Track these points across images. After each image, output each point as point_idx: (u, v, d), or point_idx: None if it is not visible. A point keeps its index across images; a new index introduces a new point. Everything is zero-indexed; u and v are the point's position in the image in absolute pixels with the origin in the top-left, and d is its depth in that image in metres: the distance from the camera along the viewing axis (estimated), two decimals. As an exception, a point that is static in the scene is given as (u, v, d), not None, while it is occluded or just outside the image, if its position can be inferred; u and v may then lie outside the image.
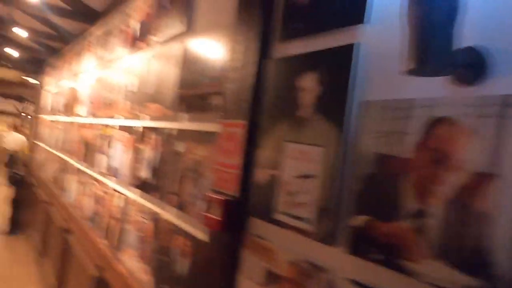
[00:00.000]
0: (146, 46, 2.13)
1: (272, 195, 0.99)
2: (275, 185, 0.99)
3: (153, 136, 1.86)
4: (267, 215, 1.00)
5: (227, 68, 1.25)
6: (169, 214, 1.59)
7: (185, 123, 1.58)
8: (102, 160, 2.59)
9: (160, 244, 1.64)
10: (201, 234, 1.31)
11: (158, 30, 1.98)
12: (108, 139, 2.52)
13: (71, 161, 3.47)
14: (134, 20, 2.37)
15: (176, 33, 1.76)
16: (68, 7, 3.28)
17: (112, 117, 2.52)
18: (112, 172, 2.38)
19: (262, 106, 1.09)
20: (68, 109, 4.02)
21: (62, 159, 3.88)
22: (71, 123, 3.78)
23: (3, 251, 5.06)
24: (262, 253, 1.02)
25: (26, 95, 13.54)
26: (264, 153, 1.06)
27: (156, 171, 1.78)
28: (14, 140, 10.61)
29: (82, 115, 3.35)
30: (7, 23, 3.94)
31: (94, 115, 2.97)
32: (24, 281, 4.20)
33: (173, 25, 1.80)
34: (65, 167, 3.69)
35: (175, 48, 1.75)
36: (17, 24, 3.89)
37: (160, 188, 1.70)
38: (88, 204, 2.77)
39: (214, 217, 1.12)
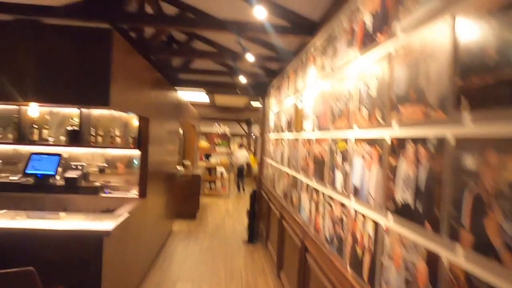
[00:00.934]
0: (385, 39, 1.75)
1: None
2: None
3: (411, 147, 1.44)
4: None
5: None
6: (459, 258, 1.12)
7: (471, 127, 1.10)
8: (337, 177, 2.35)
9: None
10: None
11: (403, 13, 1.58)
12: (343, 154, 2.25)
13: (301, 178, 3.43)
14: (363, 14, 2.05)
15: (438, 6, 1.31)
16: (288, 24, 3.32)
17: (345, 129, 2.24)
18: (351, 191, 2.08)
19: None
20: (292, 126, 4.07)
21: (291, 175, 3.93)
22: (296, 139, 3.78)
23: (246, 259, 5.60)
24: None
25: (252, 117, 15.58)
26: None
27: (422, 193, 1.35)
28: (242, 156, 12.54)
29: (308, 131, 3.26)
30: (242, 52, 4.33)
31: (321, 129, 2.80)
32: (266, 292, 4.52)
33: (430, -1, 1.35)
34: (294, 183, 3.70)
35: (439, 27, 1.30)
36: (247, 51, 4.21)
37: (433, 217, 1.26)
38: (324, 225, 2.58)
39: None
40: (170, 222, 6.81)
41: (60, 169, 4.58)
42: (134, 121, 4.75)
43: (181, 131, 9.40)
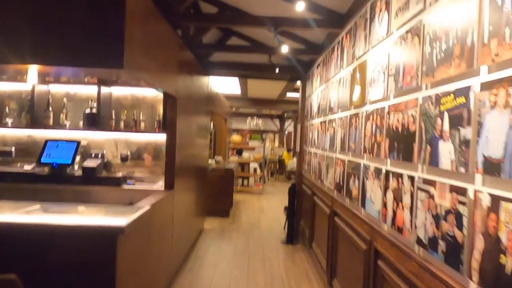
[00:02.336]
0: None
1: None
2: None
3: None
4: None
5: None
6: None
7: None
8: (441, 151, 1.60)
9: None
10: None
11: None
12: (453, 115, 1.51)
13: (364, 162, 2.70)
14: None
15: None
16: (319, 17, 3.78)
17: (459, 77, 1.50)
18: (477, 167, 1.34)
19: None
20: (347, 102, 3.33)
21: (347, 160, 3.20)
22: (354, 116, 3.05)
23: (286, 262, 4.90)
24: None
25: (286, 110, 14.80)
26: None
27: None
28: (274, 150, 12.05)
29: (375, 100, 2.52)
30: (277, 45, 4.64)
31: (402, 91, 2.06)
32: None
33: None
34: (354, 170, 2.96)
35: None
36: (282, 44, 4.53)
37: None
38: (414, 221, 1.84)
39: None
40: (201, 220, 6.21)
41: (78, 158, 4.06)
42: (159, 107, 4.16)
43: (211, 125, 8.84)
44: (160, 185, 3.95)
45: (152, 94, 4.22)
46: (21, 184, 3.70)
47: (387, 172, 2.21)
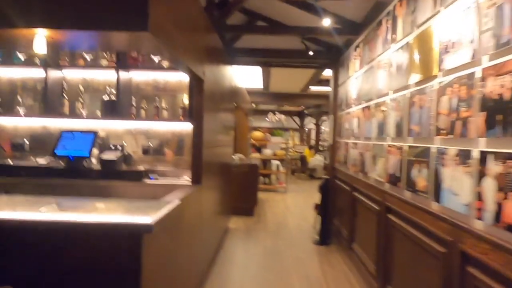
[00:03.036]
0: None
1: None
2: None
3: None
4: None
5: None
6: None
7: None
8: None
9: None
10: None
11: None
12: None
13: (436, 146, 2.22)
14: None
15: None
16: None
17: None
18: None
19: None
20: (405, 78, 2.86)
21: (406, 147, 2.72)
22: (419, 92, 2.57)
23: (322, 265, 4.43)
24: None
25: (308, 105, 14.25)
26: None
27: None
28: (295, 148, 11.59)
29: (456, 67, 2.04)
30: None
31: (507, 47, 1.58)
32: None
33: None
34: (418, 157, 2.48)
35: None
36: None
37: None
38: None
39: None
40: (227, 218, 5.80)
41: (96, 150, 3.69)
42: (183, 95, 3.76)
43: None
44: (185, 179, 3.55)
45: (175, 79, 3.82)
46: (36, 179, 3.35)
47: (484, 154, 1.73)
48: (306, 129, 19.62)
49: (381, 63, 3.42)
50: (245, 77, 8.75)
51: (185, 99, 3.71)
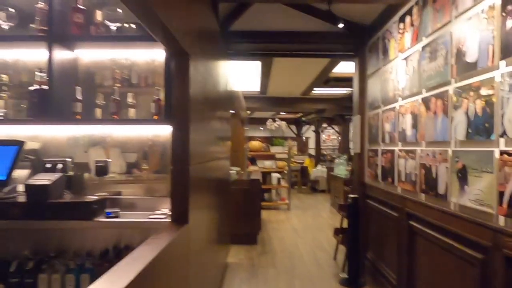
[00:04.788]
0: None
1: None
2: None
3: None
4: None
5: None
6: None
7: None
8: None
9: None
10: None
11: None
12: None
13: None
14: None
15: None
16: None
17: None
18: None
19: None
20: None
21: None
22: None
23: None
24: None
25: (308, 110, 12.94)
26: None
27: None
28: (294, 158, 10.30)
29: None
30: None
31: None
32: None
33: None
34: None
35: None
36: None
37: None
38: None
39: None
40: (225, 251, 4.45)
41: (23, 172, 2.37)
42: (158, 81, 2.45)
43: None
44: (164, 212, 2.24)
45: (145, 58, 2.53)
46: None
47: None
48: (304, 138, 18.40)
49: (473, 20, 2.17)
50: (241, 77, 7.50)
51: (161, 91, 2.40)
